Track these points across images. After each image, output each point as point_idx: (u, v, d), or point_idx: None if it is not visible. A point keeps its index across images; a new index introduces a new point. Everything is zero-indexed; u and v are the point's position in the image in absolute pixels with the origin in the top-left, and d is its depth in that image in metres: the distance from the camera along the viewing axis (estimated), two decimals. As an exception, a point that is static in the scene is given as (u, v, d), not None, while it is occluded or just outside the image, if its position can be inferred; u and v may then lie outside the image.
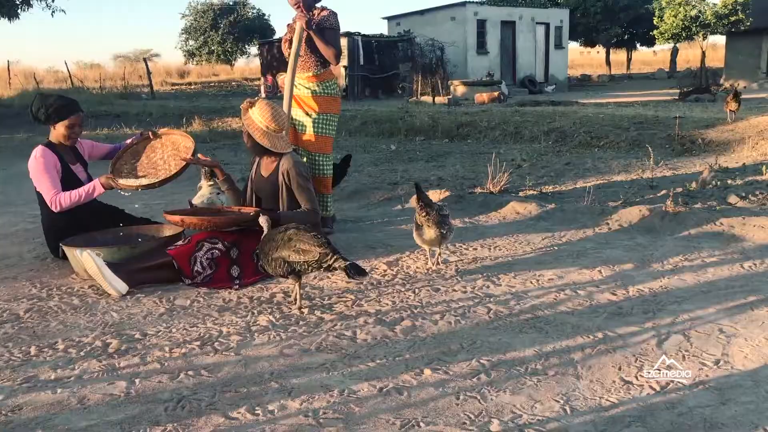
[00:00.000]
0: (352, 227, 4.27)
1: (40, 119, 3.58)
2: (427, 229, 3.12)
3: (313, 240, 2.63)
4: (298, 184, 3.40)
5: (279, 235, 2.74)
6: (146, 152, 3.81)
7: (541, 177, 5.76)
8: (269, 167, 3.57)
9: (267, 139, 3.44)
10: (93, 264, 2.97)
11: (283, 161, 3.47)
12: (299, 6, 4.04)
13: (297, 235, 2.68)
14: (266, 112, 3.45)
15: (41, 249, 3.94)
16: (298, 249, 2.64)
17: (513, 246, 3.65)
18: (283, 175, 3.44)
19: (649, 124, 8.39)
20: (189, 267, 3.14)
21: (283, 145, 3.49)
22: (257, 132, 3.45)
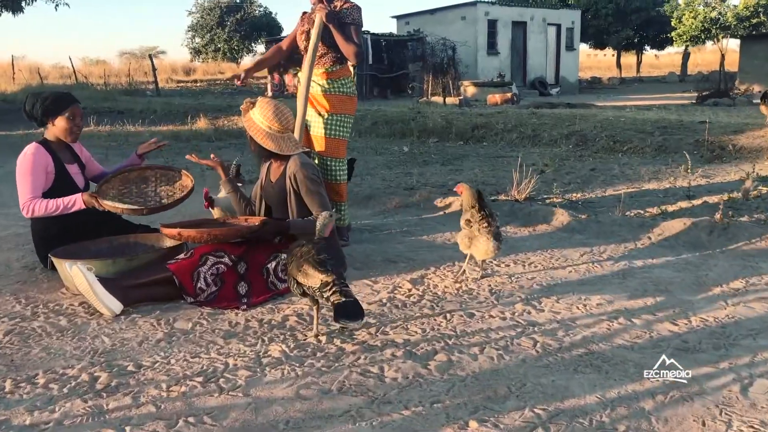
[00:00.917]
0: (369, 238, 3.92)
1: (36, 117, 3.26)
2: (484, 241, 2.90)
3: (317, 264, 2.29)
4: (308, 188, 3.06)
5: (296, 250, 2.41)
6: (137, 182, 3.48)
7: (567, 184, 5.40)
8: (277, 172, 3.24)
9: (271, 141, 3.10)
10: (84, 280, 2.63)
11: (290, 164, 3.14)
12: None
13: (306, 255, 2.35)
14: (267, 111, 3.12)
15: (31, 257, 3.61)
16: (304, 271, 2.30)
17: (550, 263, 3.30)
18: (290, 180, 3.11)
19: (674, 128, 8.02)
20: (191, 283, 2.80)
21: (290, 147, 3.15)
22: (259, 134, 3.11)
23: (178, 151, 8.48)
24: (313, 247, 2.35)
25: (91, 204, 3.15)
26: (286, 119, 3.13)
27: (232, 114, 12.95)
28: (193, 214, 4.67)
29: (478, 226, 2.95)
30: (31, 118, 3.30)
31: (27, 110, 3.28)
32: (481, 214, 2.97)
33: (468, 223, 3.12)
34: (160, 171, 3.56)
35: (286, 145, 3.12)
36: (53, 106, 3.24)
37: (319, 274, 2.26)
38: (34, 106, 3.24)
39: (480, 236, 2.94)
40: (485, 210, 3.00)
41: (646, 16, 29.67)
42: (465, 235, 3.09)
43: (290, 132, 3.18)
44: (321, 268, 2.27)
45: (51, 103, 3.23)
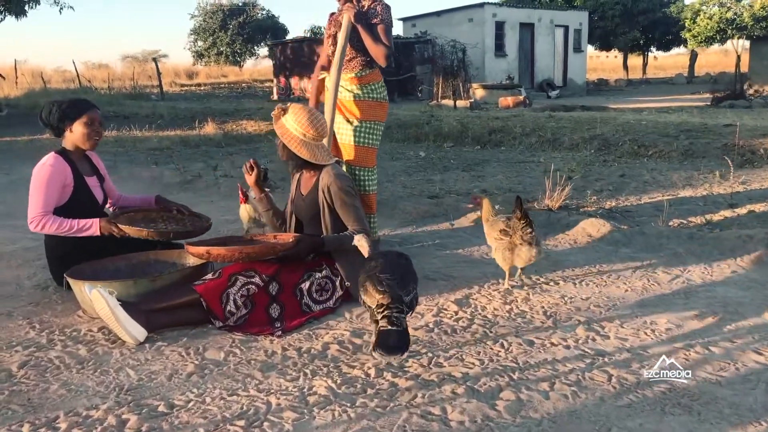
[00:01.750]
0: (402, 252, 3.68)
1: (53, 123, 3.05)
2: (526, 249, 2.81)
3: (377, 283, 2.08)
4: (343, 201, 2.83)
5: (367, 264, 2.24)
6: (144, 221, 3.27)
7: (599, 191, 5.17)
8: (308, 184, 3.01)
9: (306, 150, 2.88)
10: (105, 305, 2.40)
11: (323, 175, 2.92)
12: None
13: (371, 271, 2.14)
14: (302, 117, 2.89)
15: (42, 274, 3.39)
16: (365, 288, 2.09)
17: (602, 280, 3.06)
18: (323, 192, 2.88)
19: (698, 132, 7.79)
20: (220, 307, 2.58)
21: (324, 156, 2.94)
22: (293, 142, 2.89)
23: (187, 156, 8.27)
24: (380, 265, 2.14)
25: (108, 231, 2.93)
26: (321, 126, 2.91)
27: (239, 118, 12.76)
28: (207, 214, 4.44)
29: (521, 233, 2.81)
30: (47, 126, 3.08)
31: (43, 117, 3.06)
32: (523, 222, 2.81)
33: (504, 233, 2.93)
34: (165, 213, 3.36)
35: (320, 154, 2.90)
36: (70, 111, 3.02)
37: (376, 294, 2.06)
38: (51, 111, 3.03)
39: (523, 244, 2.82)
40: (527, 217, 2.84)
41: (653, 17, 29.42)
42: (504, 247, 2.92)
43: (324, 140, 2.95)
44: (380, 287, 2.07)
45: (68, 108, 3.02)
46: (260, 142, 9.79)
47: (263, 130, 11.05)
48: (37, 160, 3.10)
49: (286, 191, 5.52)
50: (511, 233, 2.89)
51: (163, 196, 3.45)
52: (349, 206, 2.85)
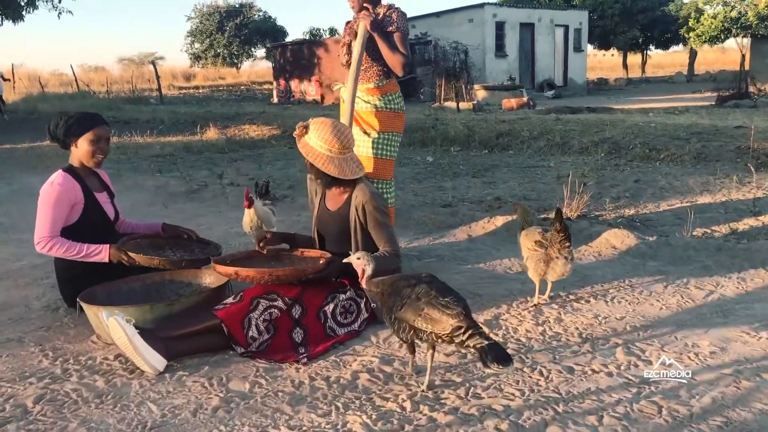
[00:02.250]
0: (421, 267, 3.58)
1: (59, 137, 2.95)
2: (562, 263, 2.76)
3: (445, 308, 1.97)
4: (376, 221, 2.73)
5: (407, 290, 2.08)
6: (152, 248, 3.15)
7: (616, 198, 5.06)
8: (337, 200, 2.89)
9: (333, 166, 2.77)
10: (122, 334, 2.29)
11: (357, 193, 2.80)
12: (358, 3, 3.37)
13: (428, 296, 2.02)
14: (325, 131, 2.77)
15: (51, 294, 3.28)
16: (426, 315, 1.97)
17: (633, 297, 2.96)
18: (356, 210, 2.77)
19: (709, 134, 7.69)
20: (242, 332, 2.47)
21: (353, 169, 2.81)
22: (320, 159, 2.77)
23: (191, 163, 8.16)
24: (433, 288, 2.03)
25: (117, 258, 2.82)
26: (346, 137, 2.78)
27: (241, 122, 12.64)
28: (211, 226, 4.32)
29: (559, 246, 2.74)
30: (54, 140, 2.98)
31: (51, 130, 2.96)
32: (562, 235, 2.74)
33: (540, 244, 2.85)
34: (172, 240, 3.25)
35: (348, 168, 2.78)
36: (76, 126, 2.91)
37: (448, 318, 1.94)
38: (58, 125, 2.92)
39: (559, 258, 2.75)
40: (566, 230, 2.77)
41: (652, 15, 29.37)
42: (539, 259, 2.84)
43: (351, 151, 2.83)
44: (450, 311, 1.95)
45: (74, 123, 2.91)
46: (264, 148, 9.67)
47: (266, 134, 10.94)
48: (38, 168, 3.02)
49: (293, 201, 5.41)
50: (548, 245, 2.81)
51: (169, 223, 3.31)
52: (382, 226, 2.74)
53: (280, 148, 9.61)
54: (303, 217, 5.00)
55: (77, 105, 18.35)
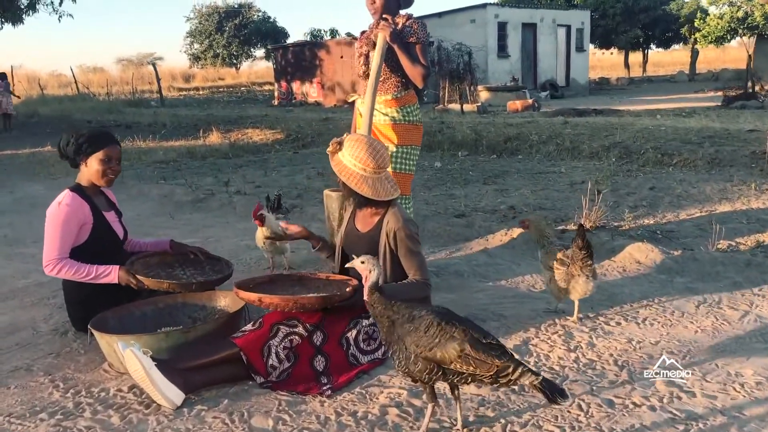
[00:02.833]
0: (441, 284, 3.46)
1: (69, 155, 2.84)
2: (584, 281, 2.70)
3: (491, 348, 1.84)
4: (408, 248, 2.60)
5: (433, 329, 1.89)
6: (161, 266, 3.05)
7: (633, 207, 4.95)
8: (368, 221, 2.76)
9: (367, 186, 2.62)
10: (139, 366, 2.18)
11: (389, 217, 2.66)
12: (379, 12, 3.26)
13: (463, 335, 1.88)
14: (359, 149, 2.62)
15: (59, 316, 3.17)
16: (467, 356, 1.83)
17: (665, 318, 2.84)
18: (387, 236, 2.64)
19: (722, 138, 7.57)
20: (262, 360, 2.35)
21: (388, 190, 2.66)
22: (353, 179, 2.62)
23: (195, 170, 8.05)
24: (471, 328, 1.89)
25: (126, 281, 2.71)
26: (381, 156, 2.63)
27: (244, 126, 12.53)
28: (219, 238, 4.21)
29: (581, 264, 2.67)
30: (63, 157, 2.87)
31: (61, 147, 2.85)
32: (584, 252, 2.67)
33: (561, 262, 2.77)
34: (182, 257, 3.14)
35: (382, 188, 2.63)
36: (87, 145, 2.79)
37: (494, 359, 1.81)
38: (68, 143, 2.80)
39: (581, 276, 2.69)
40: (588, 248, 2.69)
41: (654, 14, 29.27)
42: (560, 278, 2.75)
43: (386, 171, 2.69)
44: (496, 351, 1.83)
45: (85, 141, 2.79)
46: (268, 153, 9.56)
47: (270, 139, 10.83)
48: (40, 175, 2.91)
49: (303, 211, 5.29)
50: (569, 263, 2.73)
51: (177, 241, 3.19)
52: (413, 254, 2.61)
53: (284, 153, 9.50)
54: (313, 228, 4.87)
55: (77, 108, 18.26)
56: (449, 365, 1.87)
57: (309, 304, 2.40)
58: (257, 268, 4.00)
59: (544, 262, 2.90)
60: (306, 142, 10.42)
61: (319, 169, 7.64)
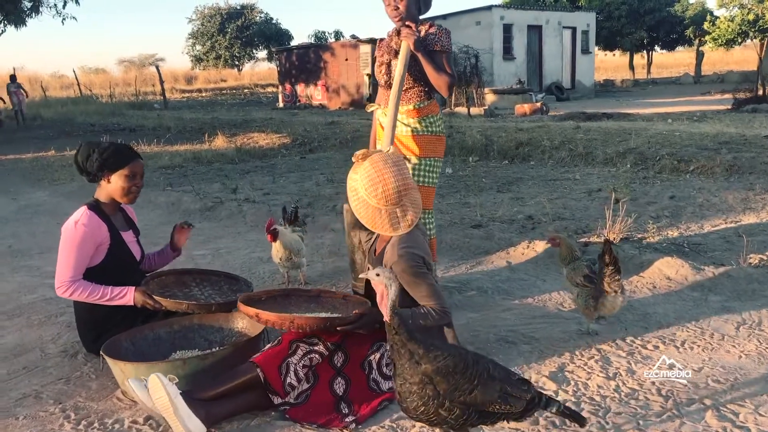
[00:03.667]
0: (464, 301, 3.33)
1: (91, 170, 2.68)
2: (612, 298, 2.66)
3: (522, 383, 1.77)
4: (408, 282, 2.35)
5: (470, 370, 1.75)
6: (177, 285, 2.94)
7: (656, 218, 4.81)
8: (381, 244, 2.61)
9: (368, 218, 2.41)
10: (164, 394, 2.06)
11: (388, 248, 2.46)
12: (401, 19, 3.12)
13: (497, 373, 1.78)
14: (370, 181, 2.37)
15: (68, 335, 3.05)
16: (507, 395, 1.71)
17: (705, 342, 2.70)
18: (386, 266, 2.46)
19: (738, 144, 7.43)
20: (279, 378, 2.23)
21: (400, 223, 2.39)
22: (357, 204, 2.42)
23: (202, 175, 7.94)
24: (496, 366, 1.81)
25: (142, 303, 2.58)
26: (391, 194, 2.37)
27: (249, 130, 12.42)
28: (231, 249, 4.09)
29: (609, 281, 2.64)
30: (83, 172, 2.72)
31: (80, 162, 2.69)
32: (611, 268, 2.63)
33: (589, 279, 2.70)
34: (199, 276, 3.03)
35: (381, 222, 2.39)
36: (113, 160, 2.66)
37: (525, 394, 1.75)
38: (89, 158, 2.66)
39: (609, 293, 2.65)
40: (617, 264, 2.64)
41: (659, 16, 29.14)
42: (588, 295, 2.70)
43: (397, 209, 2.40)
44: (525, 387, 1.77)
45: (110, 156, 2.65)
46: (275, 158, 9.44)
47: (276, 143, 10.70)
48: (44, 181, 2.80)
49: (315, 221, 5.14)
50: (597, 280, 2.68)
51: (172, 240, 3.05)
52: (417, 284, 2.36)
53: (291, 158, 9.38)
54: (326, 239, 4.76)
55: (81, 110, 18.16)
56: (488, 407, 1.74)
57: (306, 325, 2.26)
58: (271, 283, 3.87)
59: (570, 277, 2.82)
60: (313, 147, 10.30)
61: (328, 175, 7.52)
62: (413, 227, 2.46)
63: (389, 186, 2.36)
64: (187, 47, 44.18)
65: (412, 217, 2.44)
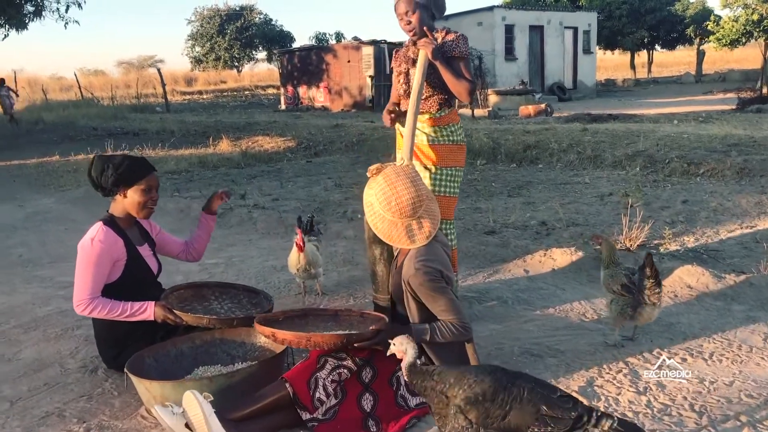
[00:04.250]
0: (484, 312, 3.30)
1: (106, 185, 2.64)
2: (649, 310, 2.68)
3: (560, 401, 1.73)
4: (426, 295, 2.32)
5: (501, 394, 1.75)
6: (197, 299, 2.91)
7: (671, 223, 4.78)
8: (401, 257, 2.57)
9: (384, 232, 2.40)
10: (199, 411, 2.03)
11: (406, 262, 2.41)
12: (414, 33, 3.09)
13: (534, 394, 1.75)
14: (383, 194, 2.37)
15: (86, 349, 3.02)
16: (544, 416, 1.69)
17: (733, 353, 2.68)
18: (404, 282, 2.40)
19: (748, 146, 7.40)
20: (308, 393, 2.21)
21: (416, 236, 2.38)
22: (373, 218, 2.41)
23: (208, 180, 7.91)
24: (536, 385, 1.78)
25: (163, 318, 2.55)
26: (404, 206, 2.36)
27: (253, 133, 12.39)
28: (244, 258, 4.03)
29: (649, 293, 2.65)
30: (97, 188, 2.68)
31: (93, 177, 2.65)
32: (652, 281, 2.64)
33: (627, 289, 2.69)
34: (218, 289, 3.00)
35: (397, 234, 2.39)
36: (128, 175, 2.62)
37: (569, 413, 1.71)
38: (104, 173, 2.62)
39: (647, 305, 2.67)
40: (657, 276, 2.65)
41: (659, 16, 29.13)
42: (625, 304, 2.69)
43: (413, 221, 2.39)
44: (568, 405, 1.73)
45: (125, 171, 2.61)
46: (280, 161, 9.41)
47: (281, 147, 10.67)
48: (50, 187, 2.75)
49: (326, 228, 5.11)
50: (636, 291, 2.67)
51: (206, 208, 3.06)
52: (436, 299, 2.32)
53: (297, 161, 9.35)
54: (339, 247, 4.74)
55: (82, 114, 18.13)
56: (525, 431, 1.72)
57: (323, 343, 2.23)
58: (287, 292, 3.85)
59: (607, 284, 2.81)
60: (318, 150, 10.27)
61: (336, 179, 7.49)
62: (431, 239, 2.44)
63: (403, 199, 2.36)
64: (186, 49, 44.10)
65: (429, 228, 2.42)
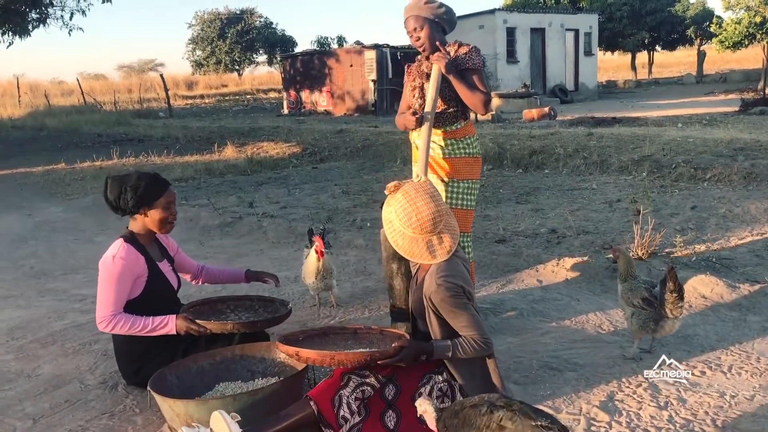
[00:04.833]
0: (500, 324, 3.31)
1: (125, 208, 2.65)
2: (671, 323, 2.70)
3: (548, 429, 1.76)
4: (448, 311, 2.33)
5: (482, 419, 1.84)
6: (214, 314, 2.94)
7: (681, 230, 4.79)
8: (421, 273, 2.58)
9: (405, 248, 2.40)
10: (227, 430, 2.04)
11: (427, 277, 2.41)
12: (425, 49, 3.12)
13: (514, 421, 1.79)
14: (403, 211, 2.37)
15: (105, 365, 3.03)
16: None
17: (751, 366, 2.69)
18: (426, 298, 2.41)
19: (754, 151, 7.40)
20: (333, 411, 2.21)
21: (437, 251, 2.38)
22: (393, 235, 2.41)
23: (216, 188, 7.92)
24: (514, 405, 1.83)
25: (186, 329, 2.57)
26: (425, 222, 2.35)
27: (258, 139, 12.41)
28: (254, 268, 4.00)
29: (672, 307, 2.65)
30: (116, 210, 2.69)
31: (111, 200, 2.66)
32: (675, 295, 2.63)
33: (648, 302, 2.70)
34: (233, 302, 3.03)
35: (418, 251, 2.39)
36: (148, 195, 2.63)
37: None
38: (122, 196, 2.62)
39: (669, 318, 2.68)
40: (681, 290, 2.64)
41: (660, 17, 29.15)
42: (647, 317, 2.71)
43: (433, 236, 2.39)
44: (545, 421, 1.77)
45: (144, 191, 2.63)
46: (286, 168, 9.43)
47: (286, 152, 10.69)
48: (58, 195, 2.76)
49: (336, 237, 5.13)
50: (658, 305, 2.68)
51: (253, 270, 3.10)
52: (456, 315, 2.33)
53: (303, 168, 9.37)
54: (351, 257, 4.75)
55: (86, 120, 18.14)
56: None
57: (347, 361, 2.24)
58: (301, 304, 3.86)
59: (626, 298, 2.81)
60: (323, 156, 10.29)
61: (343, 186, 7.50)
62: (452, 254, 2.44)
63: (423, 214, 2.36)
64: (187, 52, 44.22)
65: (449, 243, 2.43)
